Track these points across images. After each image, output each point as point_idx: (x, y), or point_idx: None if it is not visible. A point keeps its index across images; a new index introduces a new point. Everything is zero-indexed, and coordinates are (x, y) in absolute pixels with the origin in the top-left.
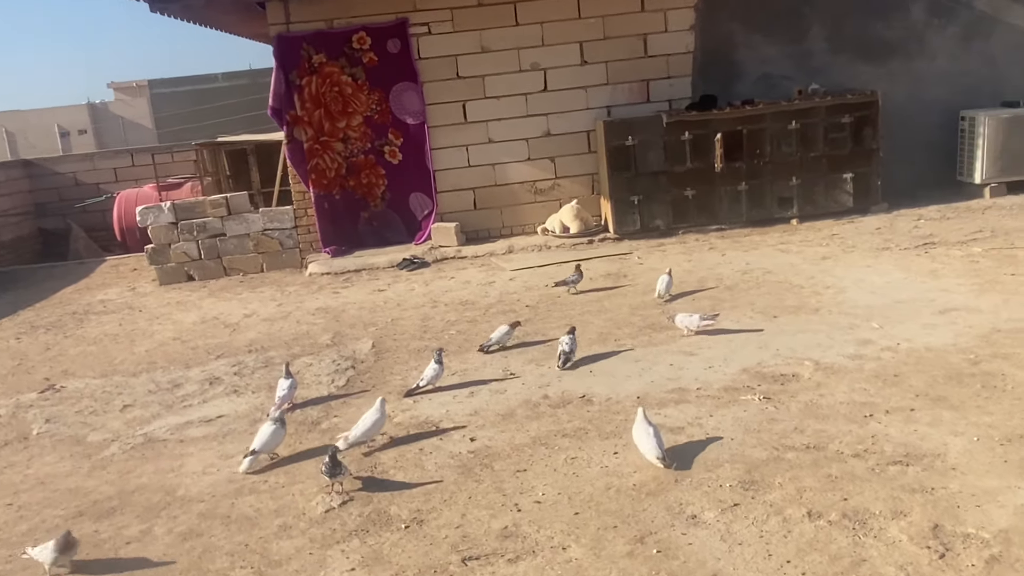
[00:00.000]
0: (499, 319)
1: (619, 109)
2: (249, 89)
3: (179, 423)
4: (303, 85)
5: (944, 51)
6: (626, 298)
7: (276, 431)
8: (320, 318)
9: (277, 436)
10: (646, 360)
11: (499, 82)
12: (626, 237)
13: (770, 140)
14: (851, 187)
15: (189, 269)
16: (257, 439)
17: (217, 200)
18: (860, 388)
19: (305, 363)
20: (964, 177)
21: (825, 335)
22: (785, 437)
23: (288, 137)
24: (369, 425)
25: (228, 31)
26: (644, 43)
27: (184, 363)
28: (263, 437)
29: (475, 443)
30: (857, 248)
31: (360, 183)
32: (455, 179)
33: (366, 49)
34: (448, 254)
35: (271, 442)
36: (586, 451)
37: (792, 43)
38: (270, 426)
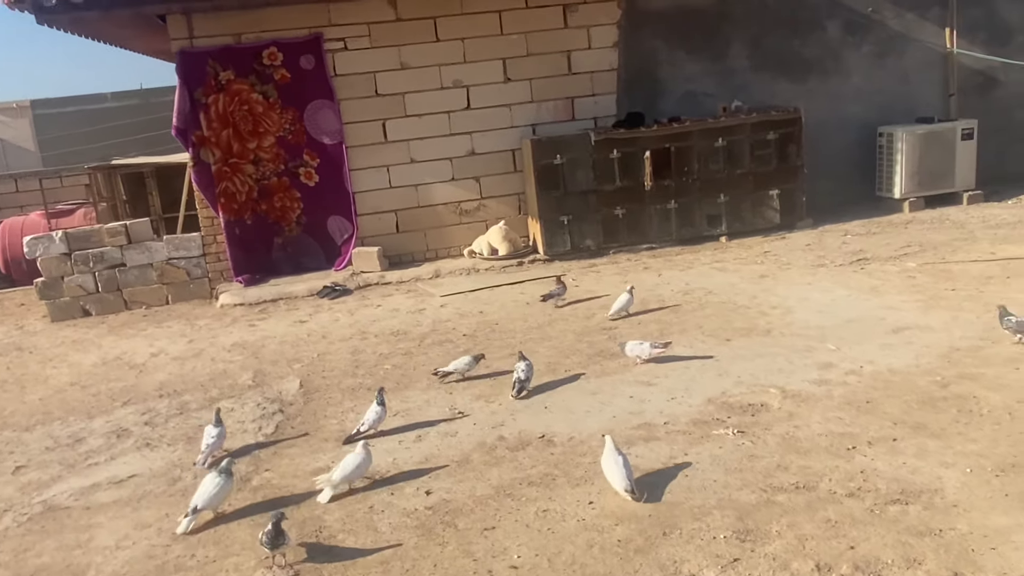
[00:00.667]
0: (436, 350)
1: (545, 127)
2: (141, 110)
3: (84, 486)
4: (209, 104)
5: (859, 69)
6: (568, 323)
7: (222, 484)
8: (238, 355)
9: (223, 490)
10: (603, 392)
11: (420, 100)
12: (557, 258)
13: (698, 157)
14: (777, 204)
15: (85, 303)
16: (200, 494)
17: (115, 228)
18: (835, 417)
19: (226, 408)
20: (883, 192)
21: (784, 359)
22: (770, 476)
23: (194, 159)
24: (351, 469)
25: (123, 47)
26: (568, 60)
27: (86, 412)
28: (207, 492)
29: (432, 497)
30: (793, 265)
31: (273, 207)
32: (376, 201)
33: (278, 65)
34: (371, 280)
35: (216, 497)
36: (558, 501)
37: (714, 60)
38: (214, 478)
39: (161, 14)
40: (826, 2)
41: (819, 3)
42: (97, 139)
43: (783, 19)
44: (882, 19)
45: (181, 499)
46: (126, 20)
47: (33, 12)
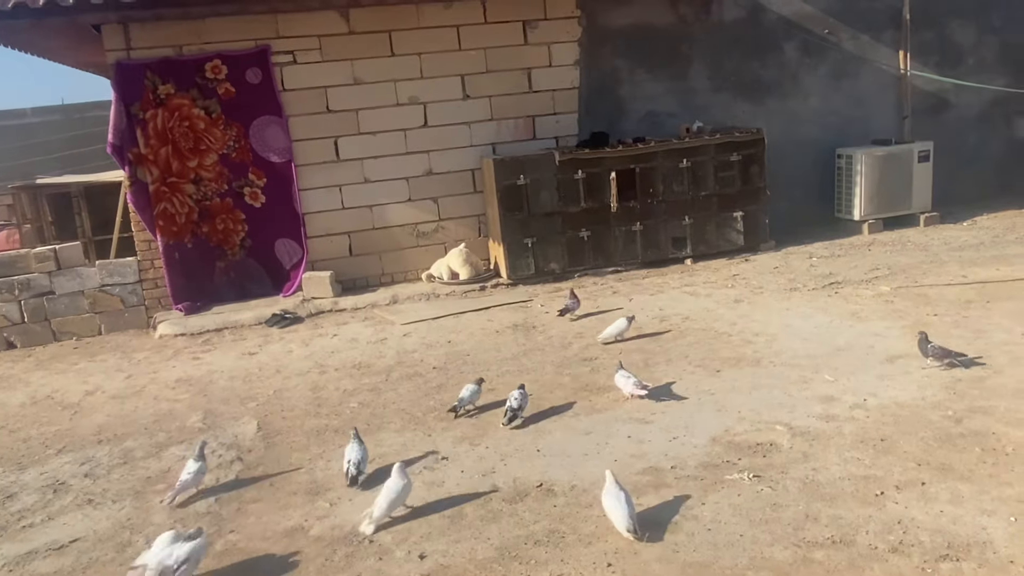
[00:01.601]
0: (405, 385)
1: (505, 146)
2: (63, 126)
3: (18, 554)
4: (147, 119)
5: (816, 90)
6: (545, 354)
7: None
8: (183, 392)
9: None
10: (597, 431)
11: (375, 116)
12: (520, 282)
13: (662, 179)
14: (741, 226)
15: (9, 335)
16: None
17: (43, 252)
18: (852, 457)
19: (176, 456)
20: (842, 214)
21: (782, 392)
22: (801, 528)
23: (131, 178)
24: (394, 496)
25: (54, 59)
26: (528, 78)
27: (15, 462)
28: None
29: (427, 562)
30: (765, 289)
31: (215, 229)
32: (327, 223)
33: (222, 79)
34: (324, 307)
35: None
36: (572, 565)
37: (676, 80)
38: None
39: (96, 24)
40: (783, 24)
41: (777, 25)
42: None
43: (742, 40)
44: (838, 41)
45: None
46: (58, 30)
47: None
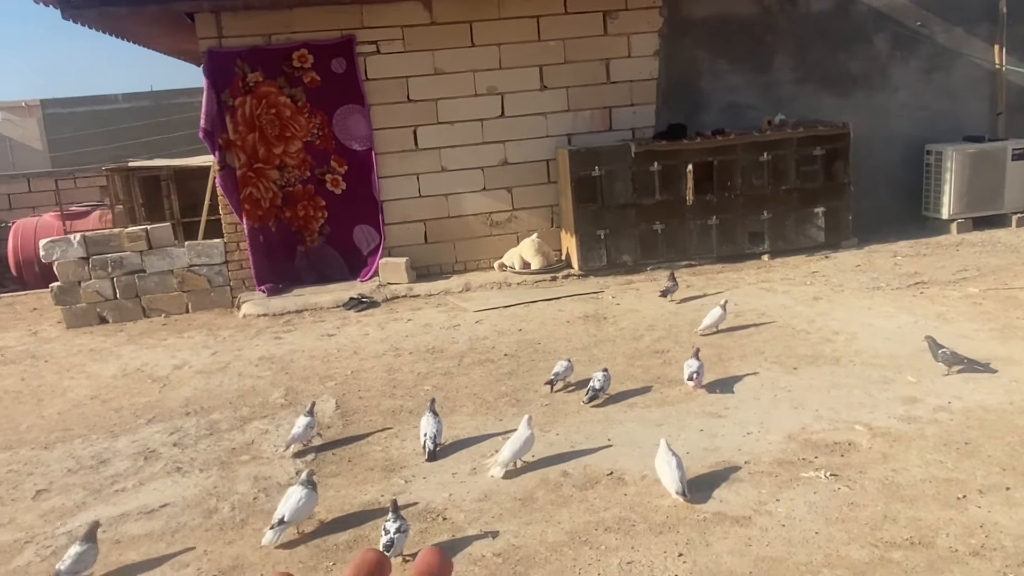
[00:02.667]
0: (477, 370)
1: (580, 137)
2: (151, 112)
3: (112, 516)
4: (236, 106)
5: (906, 84)
6: (616, 345)
7: (309, 496)
8: (266, 369)
9: (309, 503)
10: (669, 423)
11: (453, 106)
12: (591, 273)
13: (741, 172)
14: (823, 222)
15: (102, 310)
16: (285, 506)
17: (136, 232)
18: (935, 460)
19: (259, 429)
20: (930, 212)
21: (862, 391)
22: (878, 529)
23: (220, 162)
24: (519, 445)
25: (148, 46)
26: (607, 69)
27: (108, 430)
28: (293, 504)
29: (499, 541)
30: (846, 287)
31: (296, 215)
32: (405, 210)
33: (307, 68)
34: (399, 292)
35: (303, 511)
36: (642, 552)
37: (758, 72)
38: (300, 490)
39: (191, 12)
40: (873, 15)
41: (866, 16)
42: (107, 140)
43: (829, 32)
44: (931, 34)
45: (219, 534)
46: (154, 17)
47: (59, 7)
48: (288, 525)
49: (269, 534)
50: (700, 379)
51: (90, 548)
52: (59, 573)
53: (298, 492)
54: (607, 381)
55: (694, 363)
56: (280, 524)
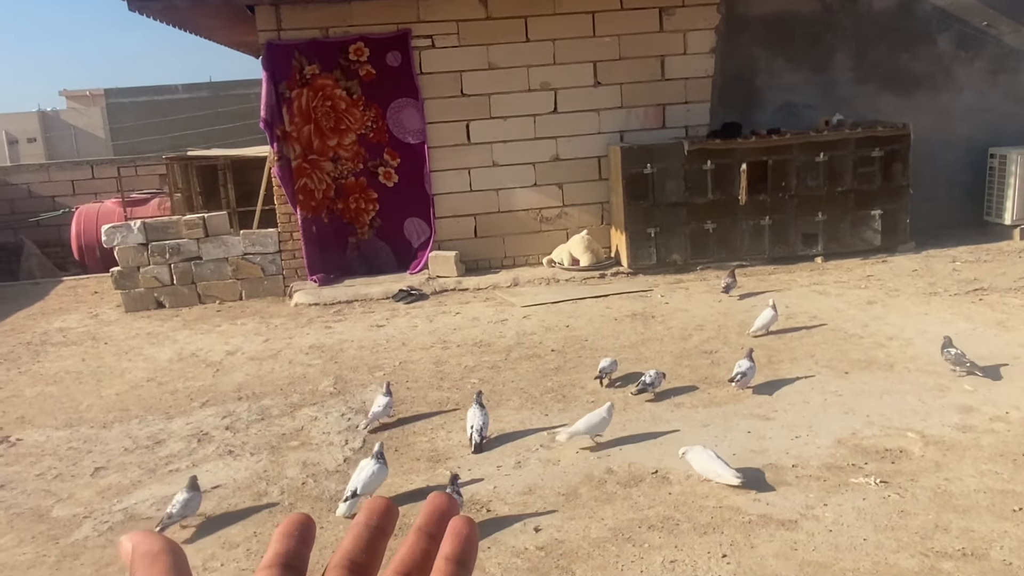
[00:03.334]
0: (524, 365)
1: (633, 134)
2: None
3: (166, 495)
4: (293, 98)
5: (970, 85)
6: (664, 344)
7: (380, 470)
8: (316, 358)
9: (380, 475)
10: (716, 424)
11: (506, 101)
12: (641, 272)
13: (796, 172)
14: (879, 225)
15: (159, 295)
16: (357, 478)
17: (193, 220)
18: (989, 471)
19: (309, 416)
20: (992, 217)
21: (915, 398)
22: (929, 538)
23: (277, 153)
24: (595, 422)
25: (208, 37)
26: (661, 65)
27: (164, 412)
28: (365, 476)
29: (541, 535)
30: (902, 292)
31: (348, 207)
32: (455, 204)
33: (363, 61)
34: (448, 286)
35: (374, 483)
36: (686, 552)
37: (816, 71)
38: (372, 463)
39: (251, 4)
40: (938, 14)
41: (930, 15)
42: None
43: (891, 30)
44: (998, 34)
45: (268, 517)
46: (216, 9)
47: None
48: (360, 497)
49: (343, 506)
50: (746, 380)
51: (195, 495)
52: (170, 516)
53: (370, 465)
54: (659, 378)
55: (744, 363)
56: (353, 496)
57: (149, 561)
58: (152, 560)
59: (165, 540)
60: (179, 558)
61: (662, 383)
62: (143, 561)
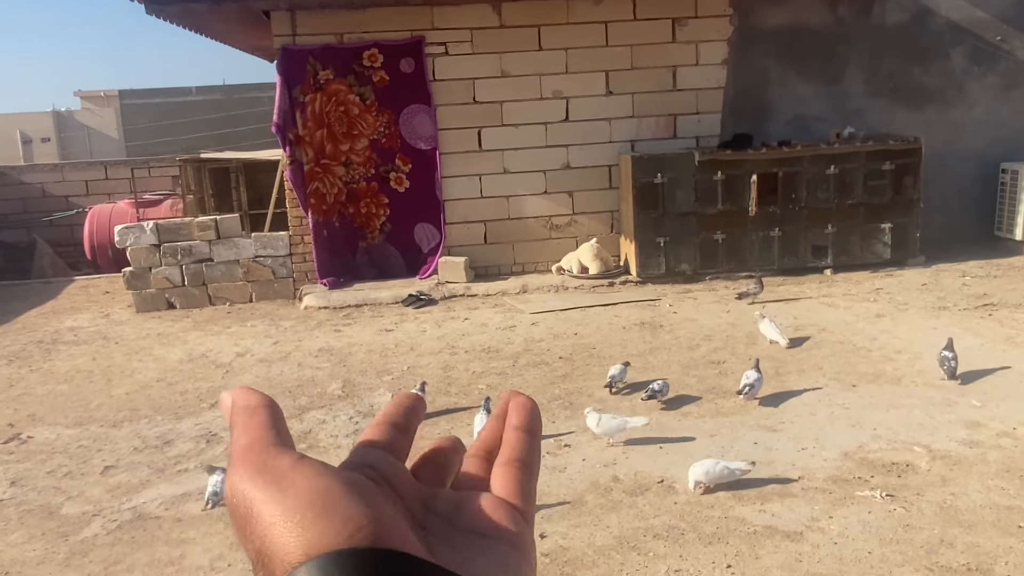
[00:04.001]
0: (531, 372)
1: (644, 144)
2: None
3: (175, 494)
4: (307, 103)
5: (982, 100)
6: (672, 353)
7: None
8: (325, 361)
9: None
10: (723, 435)
11: (518, 109)
12: (650, 281)
13: (807, 184)
14: (889, 238)
15: (170, 296)
16: None
17: (205, 222)
18: (996, 486)
19: (317, 419)
20: (1003, 232)
21: (922, 412)
22: (934, 552)
23: (290, 157)
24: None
25: (224, 41)
26: (673, 76)
27: (173, 412)
28: None
29: (547, 541)
30: (911, 306)
31: (359, 212)
32: (466, 210)
33: (377, 67)
34: (457, 291)
35: None
36: (690, 562)
37: (828, 84)
38: None
39: (267, 10)
40: (952, 29)
41: (943, 29)
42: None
43: (904, 44)
44: (1011, 49)
45: None
46: (232, 14)
47: (143, 2)
48: None
49: None
50: (754, 392)
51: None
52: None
53: None
54: (666, 387)
55: (752, 374)
56: None
57: (248, 415)
58: (251, 414)
59: (263, 396)
60: (276, 412)
61: (669, 391)
62: (243, 414)
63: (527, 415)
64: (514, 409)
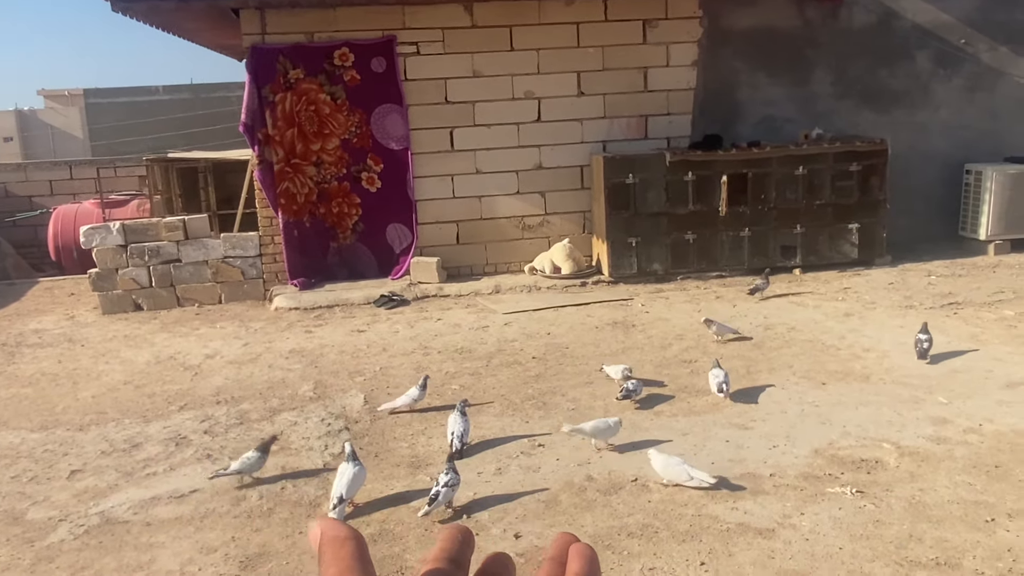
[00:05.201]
0: (505, 372)
1: (615, 144)
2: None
3: (143, 498)
4: (277, 102)
5: (948, 102)
6: (644, 352)
7: (359, 472)
8: (296, 362)
9: (360, 477)
10: (695, 433)
11: (490, 109)
12: (621, 281)
13: (775, 185)
14: (856, 238)
15: (137, 297)
16: (340, 484)
17: (173, 222)
18: (963, 482)
19: (288, 421)
20: (967, 232)
21: (891, 410)
22: (903, 547)
23: (259, 157)
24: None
25: (192, 39)
26: (644, 77)
27: (141, 415)
28: (347, 481)
29: (522, 541)
30: (878, 305)
31: (331, 212)
32: (438, 211)
33: (348, 66)
34: (429, 292)
35: (355, 486)
36: (664, 560)
37: (796, 85)
38: (350, 467)
39: (236, 8)
40: (917, 32)
41: (909, 33)
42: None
43: (871, 47)
44: (975, 52)
45: (247, 521)
46: (201, 12)
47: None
48: (347, 502)
49: (332, 514)
50: (728, 388)
51: (260, 457)
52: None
53: (349, 469)
54: (640, 386)
55: (720, 372)
56: (340, 502)
57: (337, 546)
58: (339, 545)
59: (350, 528)
60: (362, 544)
61: (642, 390)
62: (331, 545)
63: (588, 565)
64: (575, 557)
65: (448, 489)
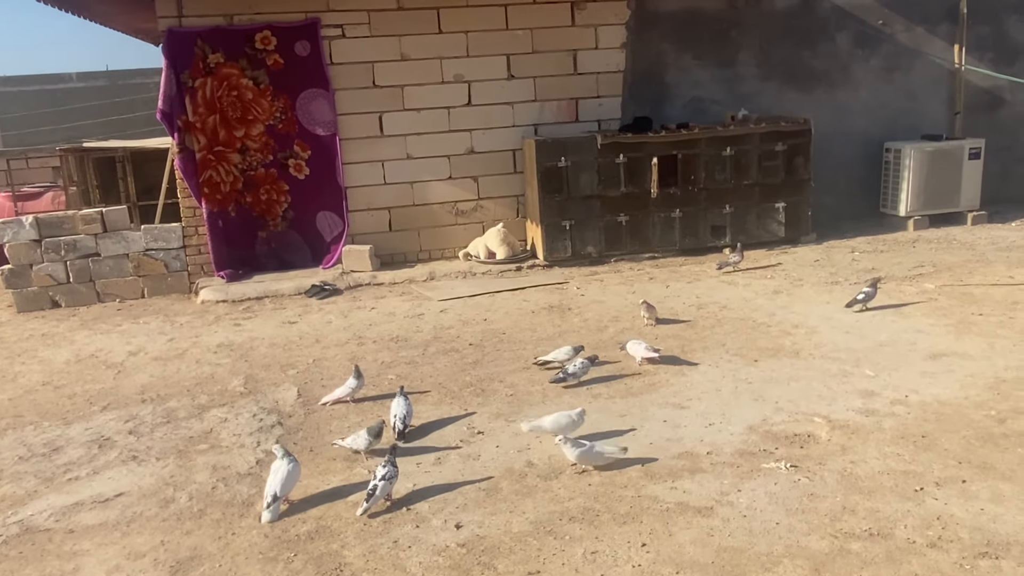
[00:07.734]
0: (442, 360)
1: (547, 128)
2: (107, 92)
3: (65, 505)
4: (196, 87)
5: (867, 82)
6: (580, 336)
7: (294, 468)
8: (225, 357)
9: (295, 474)
10: (633, 414)
11: (420, 93)
12: (556, 264)
13: (705, 166)
14: (783, 217)
15: (55, 294)
16: (274, 481)
17: (90, 215)
18: (892, 453)
19: (218, 418)
20: (888, 209)
21: (821, 384)
22: (838, 520)
23: (179, 145)
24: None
25: (105, 24)
26: (574, 59)
27: (61, 417)
28: (281, 478)
29: (463, 531)
30: (805, 282)
31: (259, 200)
32: (369, 197)
33: (271, 50)
34: (363, 280)
35: (290, 483)
36: (606, 542)
37: (723, 67)
38: (284, 464)
39: None
40: (837, 13)
41: (830, 14)
42: (60, 120)
43: (793, 28)
44: (892, 33)
45: (176, 524)
46: None
47: None
48: (281, 499)
49: (266, 514)
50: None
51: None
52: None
53: (283, 466)
54: (585, 368)
55: (640, 344)
56: (274, 500)
57: None
58: None
59: None
60: None
61: (588, 372)
62: None
63: None
64: None
65: (386, 483)
